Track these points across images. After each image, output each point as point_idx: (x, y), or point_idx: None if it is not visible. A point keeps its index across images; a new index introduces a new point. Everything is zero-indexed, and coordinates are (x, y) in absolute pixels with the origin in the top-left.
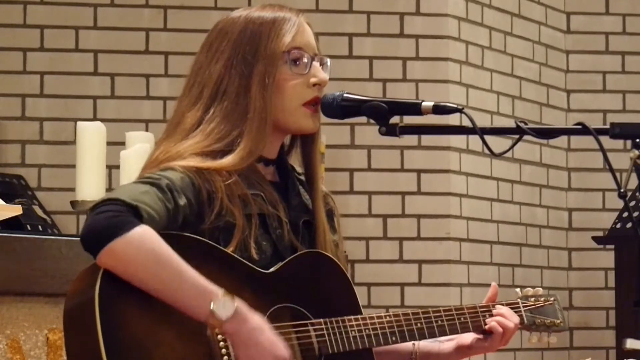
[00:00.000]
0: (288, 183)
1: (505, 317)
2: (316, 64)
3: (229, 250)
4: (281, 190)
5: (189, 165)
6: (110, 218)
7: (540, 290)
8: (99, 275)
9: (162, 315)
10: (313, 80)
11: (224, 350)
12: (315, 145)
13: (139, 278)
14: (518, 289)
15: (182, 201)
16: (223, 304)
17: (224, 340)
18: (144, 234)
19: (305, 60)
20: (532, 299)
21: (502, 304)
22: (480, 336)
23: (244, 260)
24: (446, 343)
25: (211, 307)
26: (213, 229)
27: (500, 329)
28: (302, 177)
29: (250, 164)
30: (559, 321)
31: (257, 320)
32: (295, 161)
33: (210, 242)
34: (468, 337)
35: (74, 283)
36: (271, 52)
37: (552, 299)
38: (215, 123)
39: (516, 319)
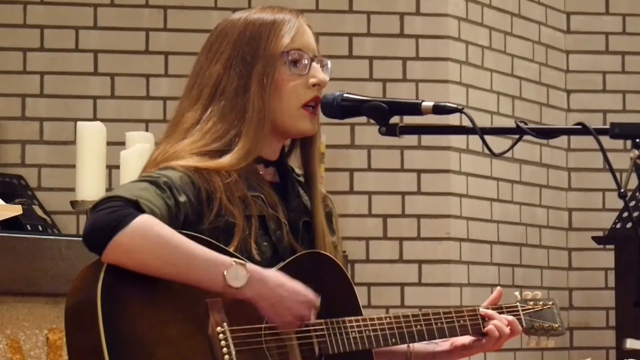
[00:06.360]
0: (288, 184)
1: (505, 323)
2: (316, 65)
3: (230, 249)
4: (281, 191)
5: (188, 165)
6: (110, 214)
7: (539, 294)
8: (102, 273)
9: (164, 313)
10: (312, 80)
11: (225, 350)
12: (315, 146)
13: (149, 265)
14: (517, 293)
15: (182, 198)
16: (235, 274)
17: (225, 340)
18: (146, 222)
19: (304, 61)
20: (531, 303)
21: (502, 307)
22: (476, 337)
23: (245, 259)
24: (441, 343)
25: (225, 279)
26: (213, 229)
27: (497, 334)
28: (302, 179)
29: (249, 165)
30: (557, 325)
31: (273, 277)
32: (294, 162)
33: (212, 240)
34: (463, 337)
35: (76, 280)
36: (270, 53)
37: (550, 302)
38: (212, 122)
39: (517, 329)
